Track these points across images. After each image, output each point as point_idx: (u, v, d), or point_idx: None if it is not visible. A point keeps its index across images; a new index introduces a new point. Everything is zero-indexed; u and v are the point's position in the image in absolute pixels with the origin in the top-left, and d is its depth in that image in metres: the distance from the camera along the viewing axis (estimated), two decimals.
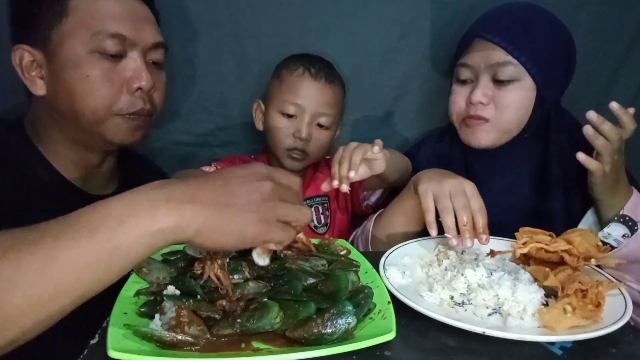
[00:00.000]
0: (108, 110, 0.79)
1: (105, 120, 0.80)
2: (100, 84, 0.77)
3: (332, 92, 1.05)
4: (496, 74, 0.92)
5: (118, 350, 0.49)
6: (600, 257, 0.70)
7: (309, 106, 1.03)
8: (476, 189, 0.80)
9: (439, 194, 0.79)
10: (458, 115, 0.99)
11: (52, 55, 0.77)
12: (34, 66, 0.78)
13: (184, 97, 1.17)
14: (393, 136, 1.22)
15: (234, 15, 1.12)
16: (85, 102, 0.77)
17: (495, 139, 0.96)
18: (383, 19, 1.14)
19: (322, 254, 0.73)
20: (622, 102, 1.20)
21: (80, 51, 0.76)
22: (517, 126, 0.95)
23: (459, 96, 0.99)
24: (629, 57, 1.19)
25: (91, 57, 0.77)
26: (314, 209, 1.15)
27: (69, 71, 0.76)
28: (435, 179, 0.82)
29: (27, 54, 0.77)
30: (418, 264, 0.77)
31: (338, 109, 1.09)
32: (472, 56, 0.95)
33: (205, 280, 0.62)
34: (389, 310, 0.59)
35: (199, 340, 0.54)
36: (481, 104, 0.93)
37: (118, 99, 0.79)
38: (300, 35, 1.14)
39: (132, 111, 0.81)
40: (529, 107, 0.93)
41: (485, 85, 0.93)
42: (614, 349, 0.58)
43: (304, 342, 0.54)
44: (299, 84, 1.03)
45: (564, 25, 0.95)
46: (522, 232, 0.74)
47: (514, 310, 0.62)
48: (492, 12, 0.97)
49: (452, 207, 0.77)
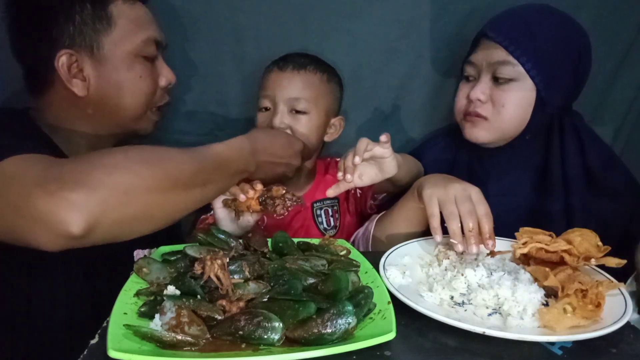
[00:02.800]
0: (148, 105, 0.90)
1: (143, 115, 0.90)
2: (148, 82, 0.88)
3: (303, 77, 1.04)
4: (496, 73, 0.93)
5: (118, 350, 0.49)
6: (600, 257, 0.70)
7: (279, 95, 1.02)
8: (482, 195, 0.79)
9: (445, 200, 0.78)
10: (459, 112, 1.01)
11: (102, 59, 0.83)
12: (77, 70, 0.83)
13: (184, 97, 1.17)
14: (394, 136, 1.20)
15: (234, 15, 1.12)
16: (134, 100, 0.87)
17: (493, 137, 0.97)
18: (383, 19, 1.14)
19: (322, 254, 0.73)
20: (622, 102, 1.22)
21: (132, 55, 0.85)
22: (516, 126, 0.95)
23: (461, 93, 1.00)
24: (629, 57, 1.18)
25: (139, 60, 0.86)
26: (323, 212, 1.15)
27: (121, 73, 0.84)
28: (440, 185, 0.81)
29: (71, 58, 0.81)
30: (418, 264, 0.77)
31: (314, 92, 1.04)
32: (476, 54, 0.96)
33: (206, 280, 0.62)
34: (389, 310, 0.59)
35: (199, 340, 0.54)
36: (479, 101, 0.94)
37: (155, 94, 0.91)
38: (300, 35, 1.14)
39: (161, 104, 0.94)
40: (527, 108, 0.93)
41: (485, 83, 0.94)
42: (614, 349, 0.58)
43: (304, 342, 0.54)
44: (268, 78, 1.05)
45: (579, 29, 0.94)
46: (522, 232, 0.74)
47: (514, 310, 0.62)
48: (502, 12, 0.98)
49: (458, 213, 0.76)
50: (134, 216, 0.63)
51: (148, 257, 0.70)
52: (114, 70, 0.84)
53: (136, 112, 0.89)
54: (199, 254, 0.68)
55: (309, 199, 1.14)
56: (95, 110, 0.86)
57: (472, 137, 0.98)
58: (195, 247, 0.71)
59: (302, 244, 0.79)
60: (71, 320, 0.81)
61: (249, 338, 0.54)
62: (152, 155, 0.69)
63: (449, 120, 1.20)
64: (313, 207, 1.14)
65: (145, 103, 0.89)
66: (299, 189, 1.13)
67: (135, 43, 0.85)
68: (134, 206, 0.63)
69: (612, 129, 1.22)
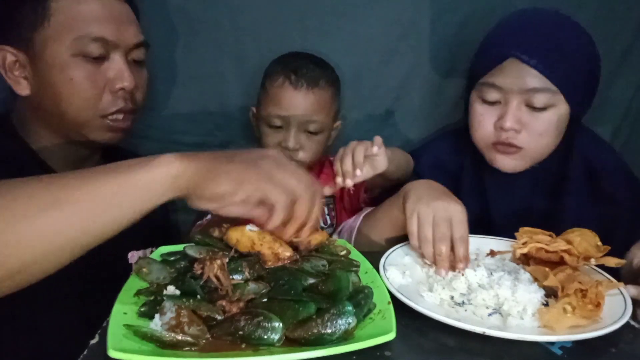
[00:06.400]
0: (92, 112, 0.80)
1: (89, 122, 0.81)
2: (84, 86, 0.78)
3: (317, 96, 1.02)
4: (531, 100, 0.85)
5: (118, 350, 0.49)
6: (599, 257, 0.70)
7: (294, 116, 1.02)
8: (464, 215, 0.75)
9: (423, 221, 0.76)
10: (485, 139, 0.92)
11: (35, 58, 0.77)
12: (17, 66, 0.78)
13: (184, 97, 1.17)
14: (394, 136, 1.22)
15: (234, 15, 1.12)
16: (70, 104, 0.78)
17: (527, 165, 0.92)
18: (383, 19, 1.14)
19: (322, 254, 0.73)
20: (621, 102, 1.22)
21: (64, 55, 0.76)
22: (549, 151, 0.91)
23: (485, 119, 0.91)
24: (629, 57, 1.19)
25: (74, 60, 0.77)
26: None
27: (53, 74, 0.77)
28: (424, 200, 0.77)
29: (10, 55, 0.77)
30: (418, 264, 0.77)
31: (327, 111, 1.06)
32: (504, 78, 0.86)
33: (205, 280, 0.62)
34: (389, 310, 0.59)
35: (199, 340, 0.54)
36: (514, 130, 0.87)
37: (100, 99, 0.80)
38: (300, 35, 1.14)
39: (113, 110, 0.82)
40: (562, 131, 0.89)
41: (518, 111, 0.86)
42: (614, 349, 0.58)
43: (303, 342, 0.54)
44: (281, 96, 1.02)
45: (592, 40, 0.90)
46: (522, 232, 0.74)
47: (514, 310, 0.62)
48: (526, 28, 0.88)
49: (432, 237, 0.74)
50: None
51: (148, 257, 0.70)
52: (47, 70, 0.77)
53: (77, 118, 0.80)
54: (199, 254, 0.68)
55: None
56: (43, 112, 0.80)
57: (503, 167, 0.91)
58: (195, 247, 0.70)
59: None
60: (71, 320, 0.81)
61: (249, 338, 0.54)
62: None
63: (449, 120, 1.20)
64: None
65: (86, 108, 0.79)
66: None
67: (67, 41, 0.76)
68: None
69: (610, 129, 1.22)
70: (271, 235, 0.67)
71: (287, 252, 0.67)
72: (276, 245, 0.67)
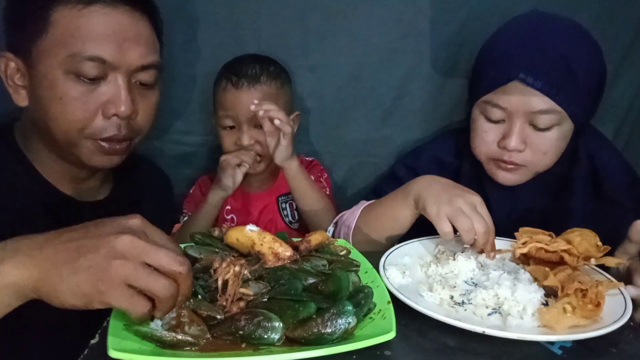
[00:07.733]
0: (79, 134, 0.75)
1: (77, 143, 0.76)
2: (73, 107, 0.73)
3: (259, 91, 1.05)
4: (535, 121, 0.85)
5: (118, 350, 0.49)
6: (599, 257, 0.70)
7: (240, 114, 1.05)
8: (484, 203, 0.78)
9: (455, 215, 0.75)
10: (487, 156, 0.92)
11: (31, 69, 0.73)
12: (19, 75, 0.75)
13: (184, 97, 1.17)
14: (393, 136, 1.22)
15: (234, 15, 1.12)
16: (57, 123, 0.74)
17: (526, 179, 0.92)
18: (383, 19, 1.14)
19: (322, 254, 0.73)
20: (622, 101, 1.22)
21: (56, 71, 0.71)
22: (552, 164, 0.90)
23: (489, 136, 0.90)
24: (629, 57, 1.18)
25: (67, 78, 0.72)
26: (288, 205, 1.18)
27: (44, 89, 0.72)
28: (443, 199, 0.77)
29: (12, 62, 0.74)
30: (418, 264, 0.77)
31: (272, 103, 1.03)
32: (509, 99, 0.85)
33: (206, 280, 0.62)
34: (389, 310, 0.59)
35: (199, 340, 0.54)
36: (517, 150, 0.87)
37: (91, 123, 0.74)
38: (300, 35, 1.14)
39: (104, 137, 0.76)
40: (566, 144, 0.89)
41: (522, 131, 0.86)
42: (614, 349, 0.58)
43: (304, 342, 0.54)
44: (226, 98, 1.07)
45: (600, 47, 0.88)
46: (522, 232, 0.74)
47: (513, 310, 0.62)
48: (528, 46, 0.86)
49: (473, 226, 0.74)
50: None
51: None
52: (38, 83, 0.73)
53: (64, 137, 0.75)
54: (199, 254, 0.68)
55: (274, 193, 1.18)
56: (39, 129, 0.76)
57: (505, 182, 0.92)
58: (196, 247, 0.71)
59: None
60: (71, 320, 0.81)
61: (249, 338, 0.54)
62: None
63: (449, 120, 1.20)
64: (278, 200, 1.17)
65: (73, 130, 0.74)
66: (264, 183, 1.18)
67: (60, 57, 0.71)
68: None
69: (612, 129, 1.22)
70: (271, 235, 0.67)
71: (287, 252, 0.67)
72: (276, 245, 0.67)
